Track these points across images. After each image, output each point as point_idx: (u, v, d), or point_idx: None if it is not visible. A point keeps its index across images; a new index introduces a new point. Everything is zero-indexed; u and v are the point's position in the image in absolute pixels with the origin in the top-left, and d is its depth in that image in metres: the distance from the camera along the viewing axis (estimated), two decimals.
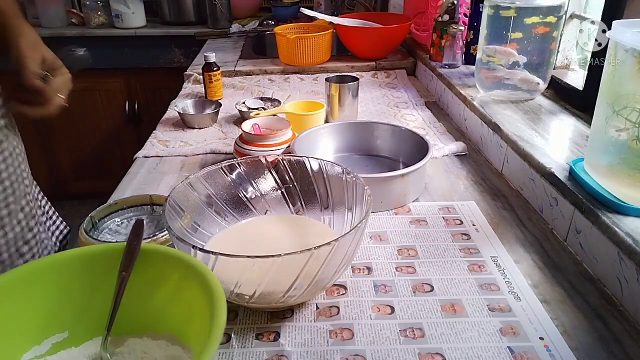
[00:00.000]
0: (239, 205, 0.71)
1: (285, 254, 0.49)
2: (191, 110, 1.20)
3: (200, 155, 1.02)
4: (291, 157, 0.71)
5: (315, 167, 0.69)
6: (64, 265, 0.51)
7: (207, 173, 0.67)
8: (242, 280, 0.52)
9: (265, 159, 0.71)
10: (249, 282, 0.52)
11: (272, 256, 0.49)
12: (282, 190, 0.72)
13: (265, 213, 0.72)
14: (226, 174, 0.69)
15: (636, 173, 0.62)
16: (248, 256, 0.49)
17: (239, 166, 0.70)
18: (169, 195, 0.60)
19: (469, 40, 1.30)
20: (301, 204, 0.72)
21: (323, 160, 0.68)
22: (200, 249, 0.51)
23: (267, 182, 0.72)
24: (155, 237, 0.68)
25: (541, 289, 0.62)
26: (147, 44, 2.15)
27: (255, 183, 0.71)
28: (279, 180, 0.72)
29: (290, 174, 0.71)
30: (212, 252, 0.50)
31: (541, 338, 0.54)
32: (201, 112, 1.20)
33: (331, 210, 0.69)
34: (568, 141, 0.86)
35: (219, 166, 0.68)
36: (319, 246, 0.50)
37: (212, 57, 1.26)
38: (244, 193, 0.71)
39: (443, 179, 0.90)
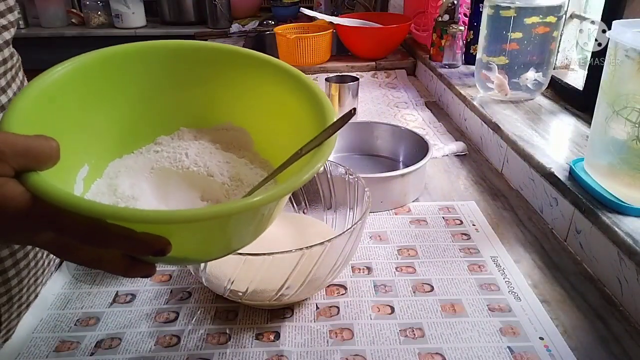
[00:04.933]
0: None
1: (275, 253, 0.49)
2: None
3: None
4: None
5: None
6: (153, 55, 0.47)
7: None
8: (234, 276, 0.52)
9: None
10: (241, 278, 0.52)
11: (263, 254, 0.49)
12: None
13: None
14: None
15: (636, 173, 0.62)
16: (239, 253, 0.49)
17: None
18: None
19: (469, 40, 1.30)
20: (305, 203, 0.72)
21: (327, 161, 0.68)
22: None
23: None
24: None
25: (541, 289, 0.62)
26: None
27: None
28: None
29: None
30: None
31: (541, 338, 0.54)
32: None
33: (334, 210, 0.69)
34: (568, 141, 0.86)
35: None
36: (311, 246, 0.50)
37: None
38: None
39: (443, 179, 0.90)
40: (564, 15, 1.02)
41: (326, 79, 1.09)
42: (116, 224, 0.31)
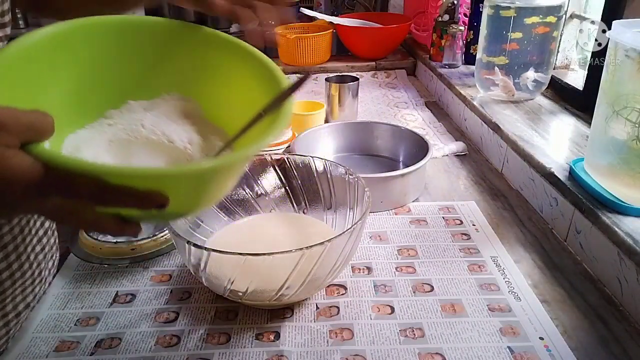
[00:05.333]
0: (243, 203, 0.71)
1: (275, 253, 0.49)
2: None
3: None
4: (297, 157, 0.71)
5: (320, 167, 0.69)
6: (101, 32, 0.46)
7: None
8: (234, 276, 0.52)
9: (271, 157, 0.71)
10: (241, 278, 0.52)
11: (263, 254, 0.49)
12: (287, 188, 0.72)
13: (270, 212, 0.73)
14: None
15: (636, 173, 0.62)
16: (239, 253, 0.49)
17: None
18: None
19: (469, 40, 1.30)
20: (305, 203, 0.72)
21: (327, 161, 0.68)
22: (194, 245, 0.51)
23: (272, 181, 0.72)
24: (155, 237, 0.68)
25: (541, 289, 0.62)
26: None
27: (260, 181, 0.72)
28: (283, 179, 0.72)
29: (295, 173, 0.71)
30: (205, 248, 0.50)
31: (541, 338, 0.54)
32: None
33: (334, 210, 0.69)
34: (568, 141, 0.86)
35: None
36: (311, 246, 0.50)
37: None
38: (249, 191, 0.71)
39: (443, 179, 0.90)
40: (564, 15, 1.02)
41: (326, 79, 1.09)
42: (122, 183, 0.34)
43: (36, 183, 0.32)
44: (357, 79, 1.09)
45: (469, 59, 1.29)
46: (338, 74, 1.19)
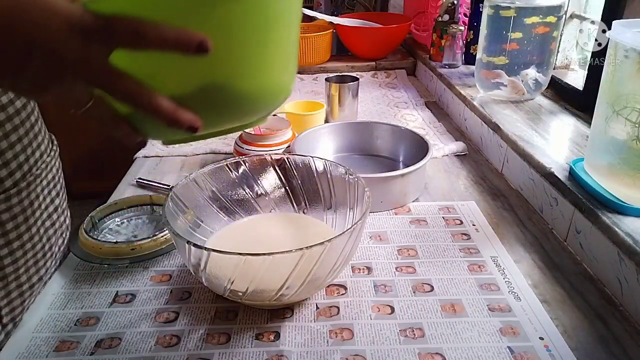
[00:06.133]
0: (243, 203, 0.71)
1: (275, 253, 0.49)
2: None
3: (200, 155, 1.02)
4: (297, 157, 0.71)
5: (320, 167, 0.69)
6: None
7: (212, 170, 0.68)
8: (234, 276, 0.52)
9: (271, 157, 0.71)
10: (241, 279, 0.52)
11: (263, 254, 0.49)
12: (287, 188, 0.72)
13: (270, 212, 0.73)
14: (231, 171, 0.70)
15: (636, 173, 0.62)
16: (239, 253, 0.49)
17: (244, 164, 0.70)
18: (171, 189, 0.61)
19: (469, 40, 1.30)
20: (305, 203, 0.72)
21: (327, 161, 0.68)
22: (194, 245, 0.51)
23: (272, 181, 0.72)
24: (155, 237, 0.68)
25: (541, 289, 0.62)
26: None
27: (260, 181, 0.72)
28: (283, 179, 0.72)
29: (295, 173, 0.71)
30: (205, 248, 0.50)
31: (541, 338, 0.54)
32: None
33: (334, 210, 0.69)
34: (568, 141, 0.86)
35: (225, 163, 0.69)
36: (311, 246, 0.50)
37: None
38: (249, 191, 0.71)
39: (443, 179, 0.90)
40: (564, 15, 1.02)
41: (326, 79, 1.09)
42: (160, 24, 0.33)
43: (75, 19, 0.32)
44: (357, 79, 1.09)
45: (469, 59, 1.29)
46: (338, 74, 1.19)
